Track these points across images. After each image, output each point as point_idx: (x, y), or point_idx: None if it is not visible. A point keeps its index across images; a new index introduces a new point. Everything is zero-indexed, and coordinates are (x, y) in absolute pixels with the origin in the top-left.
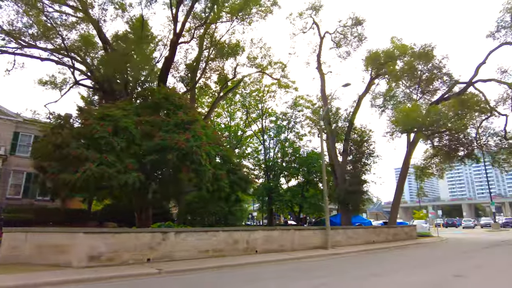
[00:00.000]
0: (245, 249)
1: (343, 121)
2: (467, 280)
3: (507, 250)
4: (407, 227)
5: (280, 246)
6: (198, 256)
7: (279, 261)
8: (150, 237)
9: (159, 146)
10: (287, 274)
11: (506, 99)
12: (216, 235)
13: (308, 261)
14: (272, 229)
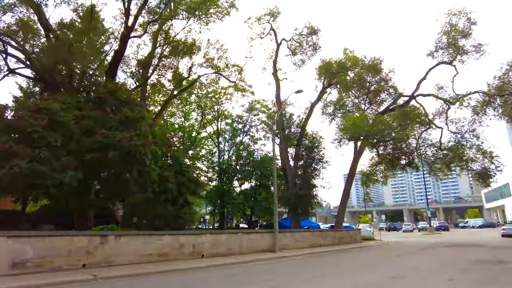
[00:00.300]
0: (191, 253)
1: (296, 127)
2: (404, 281)
3: (439, 252)
4: (352, 231)
5: (228, 250)
6: (141, 261)
7: (226, 265)
8: (87, 241)
9: (101, 143)
10: (232, 278)
11: (442, 113)
12: (161, 239)
13: (256, 265)
14: (220, 233)
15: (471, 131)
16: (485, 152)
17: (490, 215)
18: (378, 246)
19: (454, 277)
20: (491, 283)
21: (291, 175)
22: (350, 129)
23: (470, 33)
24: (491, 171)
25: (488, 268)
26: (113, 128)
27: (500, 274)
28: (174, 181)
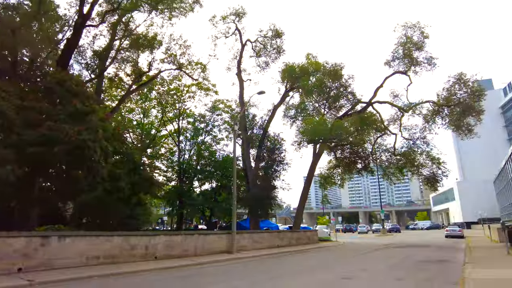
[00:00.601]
0: (143, 255)
1: (258, 129)
2: (355, 281)
3: (390, 252)
4: (310, 232)
5: (184, 252)
6: (87, 263)
7: (180, 267)
8: (25, 243)
9: (46, 137)
10: (183, 281)
11: (396, 120)
12: (110, 240)
13: (211, 266)
14: (175, 234)
15: (422, 138)
16: (433, 158)
17: (437, 218)
18: (334, 247)
19: (402, 276)
20: (434, 281)
21: (252, 176)
22: (309, 132)
23: (423, 46)
24: (439, 176)
25: (433, 267)
26: (61, 121)
27: (443, 272)
28: (127, 179)
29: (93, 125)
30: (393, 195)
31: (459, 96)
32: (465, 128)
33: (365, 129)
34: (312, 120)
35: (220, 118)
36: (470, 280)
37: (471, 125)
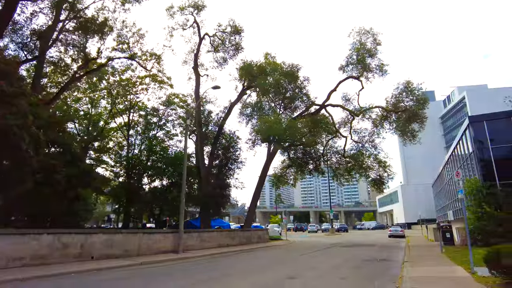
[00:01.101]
0: (78, 255)
1: (213, 125)
2: (300, 280)
3: (337, 251)
4: (261, 231)
5: (125, 251)
6: (7, 266)
7: (119, 267)
8: None
9: None
10: (116, 283)
11: (347, 123)
12: (37, 239)
13: (152, 267)
14: (116, 232)
15: (371, 141)
16: (380, 161)
17: (382, 219)
18: (284, 245)
19: (346, 275)
20: (376, 280)
21: (205, 173)
22: (264, 130)
23: (375, 53)
24: (384, 178)
25: (375, 265)
26: None
27: (384, 271)
28: (64, 172)
29: (21, 109)
30: (342, 196)
31: (406, 103)
32: (410, 133)
33: (318, 131)
34: (267, 118)
35: (174, 113)
36: (407, 278)
37: (415, 131)
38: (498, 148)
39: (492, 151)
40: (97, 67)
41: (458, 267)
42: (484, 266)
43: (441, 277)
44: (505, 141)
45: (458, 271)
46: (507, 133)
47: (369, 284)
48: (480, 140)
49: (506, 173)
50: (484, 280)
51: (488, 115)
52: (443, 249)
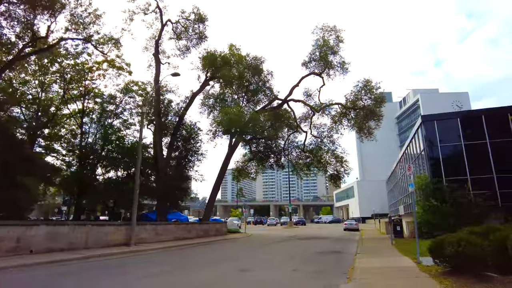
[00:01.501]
0: (13, 249)
1: (173, 115)
2: (251, 273)
3: (292, 244)
4: (219, 224)
5: (70, 244)
6: None
7: (62, 261)
8: None
9: None
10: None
11: (307, 118)
12: None
13: (100, 261)
14: (60, 224)
15: (329, 137)
16: (337, 157)
17: (338, 213)
18: (241, 238)
19: (300, 267)
20: (327, 271)
21: (163, 165)
22: (226, 122)
23: (338, 50)
24: (341, 173)
25: (328, 257)
26: None
27: (336, 263)
28: None
29: None
30: (302, 191)
31: (364, 101)
32: (367, 130)
33: (280, 125)
34: (229, 110)
35: (132, 101)
36: (357, 269)
37: (372, 128)
38: (445, 147)
39: (440, 150)
40: (47, 47)
41: (405, 258)
42: (429, 256)
43: (389, 267)
44: (451, 140)
45: (405, 261)
46: (453, 133)
47: (321, 276)
48: (430, 139)
49: (451, 170)
50: (428, 269)
51: (439, 115)
52: (393, 241)
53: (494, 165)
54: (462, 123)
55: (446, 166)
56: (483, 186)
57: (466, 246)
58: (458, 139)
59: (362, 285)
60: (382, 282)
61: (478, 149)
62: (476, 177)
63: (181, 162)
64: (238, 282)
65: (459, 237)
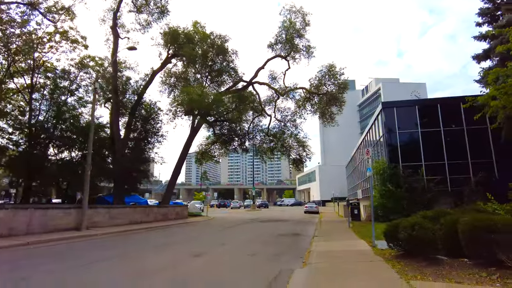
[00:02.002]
0: None
1: (132, 94)
2: (203, 258)
3: (252, 227)
4: (179, 207)
5: (9, 230)
6: None
7: None
8: None
9: None
10: None
11: (272, 101)
12: None
13: (42, 247)
14: None
15: (293, 121)
16: (300, 141)
17: (300, 196)
18: (202, 222)
19: (257, 250)
20: (285, 255)
21: (121, 146)
22: (187, 101)
23: (304, 34)
24: (303, 157)
25: (287, 240)
26: None
27: (294, 246)
28: None
29: None
30: (266, 175)
31: (328, 86)
32: (329, 116)
33: (244, 108)
34: (191, 89)
35: (89, 78)
36: (314, 253)
37: (334, 114)
38: (403, 134)
39: (398, 136)
40: None
41: (361, 241)
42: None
43: (345, 251)
44: (409, 127)
45: (360, 244)
46: (411, 121)
47: (277, 260)
48: (389, 125)
49: (408, 156)
50: (382, 253)
51: (398, 102)
52: (350, 224)
53: (446, 152)
54: (419, 111)
55: (403, 152)
56: (435, 172)
57: (419, 230)
58: (415, 126)
59: (316, 270)
60: (337, 266)
61: (433, 137)
62: (429, 163)
63: (140, 144)
64: (189, 268)
65: (413, 221)
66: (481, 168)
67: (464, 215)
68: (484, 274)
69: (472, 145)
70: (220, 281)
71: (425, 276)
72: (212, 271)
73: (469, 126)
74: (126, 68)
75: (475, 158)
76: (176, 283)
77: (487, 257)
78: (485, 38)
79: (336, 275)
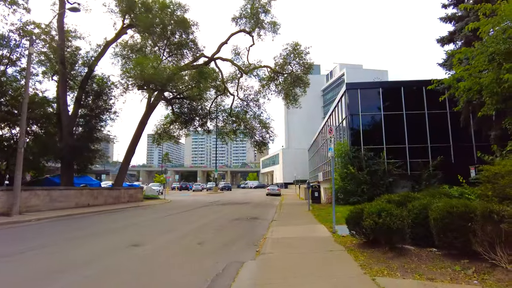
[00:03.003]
0: None
1: (82, 66)
2: (141, 248)
3: (209, 210)
4: (133, 189)
5: None
6: None
7: None
8: None
9: None
10: None
11: (235, 79)
12: None
13: None
14: None
15: (256, 100)
16: (262, 122)
17: (264, 178)
18: (157, 205)
19: (208, 239)
20: (238, 242)
21: (68, 122)
22: (138, 74)
23: (269, 9)
24: (266, 139)
25: (243, 225)
26: None
27: (250, 231)
28: None
29: None
30: (231, 157)
31: (293, 66)
32: (293, 97)
33: (205, 86)
34: (144, 60)
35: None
36: (269, 240)
37: (298, 95)
38: (366, 116)
39: (361, 118)
40: None
41: (321, 226)
42: (343, 225)
43: (303, 237)
44: (372, 110)
45: (320, 230)
46: (374, 103)
47: (228, 250)
48: (352, 107)
49: (370, 139)
50: (343, 241)
51: (362, 83)
52: (310, 207)
53: (408, 135)
54: (383, 93)
55: (365, 135)
56: (396, 155)
57: (386, 217)
58: (378, 109)
59: (269, 262)
60: (293, 258)
61: (395, 120)
62: (391, 146)
63: (90, 121)
64: (118, 261)
65: (380, 207)
66: (439, 152)
67: (434, 200)
68: (458, 267)
69: (432, 129)
70: (148, 281)
71: (392, 271)
72: (145, 265)
73: (430, 110)
74: (76, 37)
75: (434, 142)
76: (92, 281)
77: (461, 248)
78: (450, 20)
79: (290, 270)
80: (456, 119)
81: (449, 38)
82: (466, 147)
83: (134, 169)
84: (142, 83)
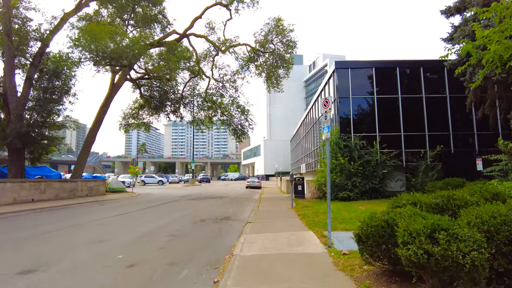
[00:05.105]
0: None
1: (35, 41)
2: (31, 277)
3: (174, 207)
4: (94, 182)
5: None
6: None
7: None
8: None
9: None
10: None
11: (209, 56)
12: None
13: None
14: None
15: (232, 81)
16: (239, 106)
17: (245, 170)
18: (121, 199)
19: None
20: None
21: (16, 104)
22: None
23: None
24: (245, 128)
25: (209, 230)
26: None
27: (212, 242)
28: None
29: None
30: (212, 149)
31: (275, 44)
32: (275, 79)
33: (177, 66)
34: (97, 27)
35: None
36: (236, 261)
37: (280, 77)
38: (356, 100)
39: (351, 102)
40: None
41: (309, 233)
42: (339, 230)
43: (286, 256)
44: (364, 92)
45: (309, 240)
46: (367, 85)
47: (168, 282)
48: (342, 89)
49: (362, 126)
50: (347, 265)
51: (354, 62)
52: (294, 203)
53: (403, 122)
54: (376, 74)
55: (357, 121)
56: (390, 144)
57: (451, 242)
58: (371, 92)
59: None
60: None
61: (390, 104)
62: (385, 134)
63: (45, 103)
64: None
65: (431, 220)
66: (437, 141)
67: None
68: None
69: (430, 115)
70: None
71: None
72: None
73: (429, 94)
74: (28, 8)
75: (432, 130)
76: None
77: None
78: None
79: None
80: (457, 104)
81: (457, 7)
82: (468, 136)
83: (109, 160)
84: (97, 57)
